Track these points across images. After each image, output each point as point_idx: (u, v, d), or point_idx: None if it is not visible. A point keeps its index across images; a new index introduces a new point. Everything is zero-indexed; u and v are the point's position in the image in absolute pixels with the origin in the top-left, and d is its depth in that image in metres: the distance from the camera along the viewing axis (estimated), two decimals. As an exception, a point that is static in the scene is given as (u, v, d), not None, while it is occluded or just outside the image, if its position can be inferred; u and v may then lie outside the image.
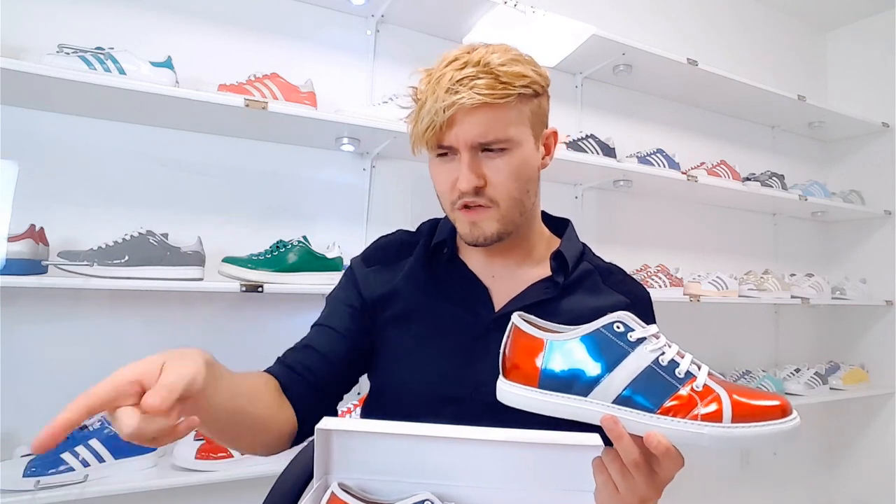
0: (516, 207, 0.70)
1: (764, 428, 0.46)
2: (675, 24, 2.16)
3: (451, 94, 0.63)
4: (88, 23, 1.22)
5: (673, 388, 0.49)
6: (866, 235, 2.41)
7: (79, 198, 1.20)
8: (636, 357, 0.50)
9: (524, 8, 1.48)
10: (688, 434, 0.47)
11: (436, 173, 0.71)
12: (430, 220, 0.84)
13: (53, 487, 0.97)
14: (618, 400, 0.49)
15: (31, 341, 1.14)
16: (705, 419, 0.47)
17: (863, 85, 2.49)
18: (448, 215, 0.73)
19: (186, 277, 1.13)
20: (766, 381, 1.97)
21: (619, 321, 0.52)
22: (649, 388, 0.49)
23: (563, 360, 0.51)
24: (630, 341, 0.51)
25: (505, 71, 0.64)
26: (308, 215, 1.45)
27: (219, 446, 1.12)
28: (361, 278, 0.79)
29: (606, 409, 0.49)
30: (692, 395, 0.48)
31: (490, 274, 0.76)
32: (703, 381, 0.49)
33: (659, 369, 0.50)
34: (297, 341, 0.77)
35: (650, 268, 1.78)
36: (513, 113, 0.66)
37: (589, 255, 0.81)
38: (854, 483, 2.37)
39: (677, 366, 0.50)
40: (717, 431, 0.46)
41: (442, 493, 0.57)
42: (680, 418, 0.48)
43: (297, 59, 1.44)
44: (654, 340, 0.51)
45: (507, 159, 0.67)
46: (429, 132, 0.65)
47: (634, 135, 2.00)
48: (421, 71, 0.69)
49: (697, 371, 0.50)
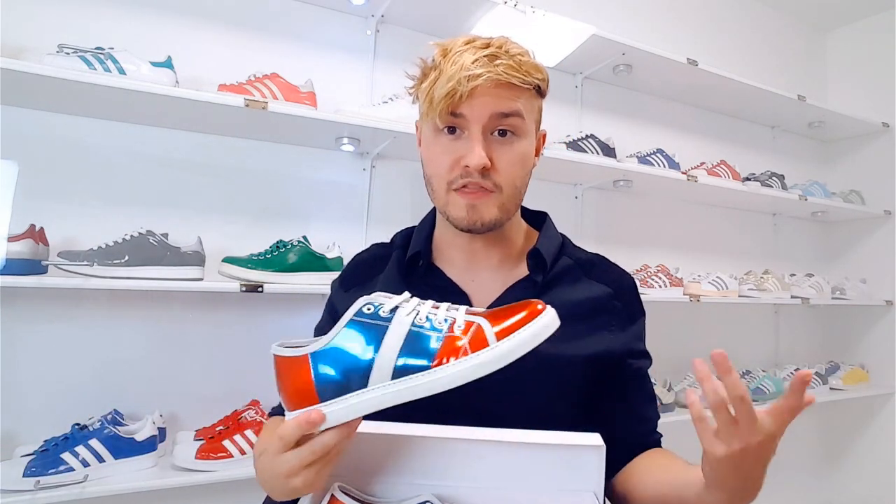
0: (515, 197, 0.70)
1: (526, 331, 0.48)
2: (675, 24, 2.16)
3: (477, 66, 0.63)
4: (88, 23, 1.22)
5: (439, 338, 0.49)
6: (866, 235, 2.41)
7: (79, 198, 1.20)
8: (396, 326, 0.50)
9: (524, 8, 1.48)
10: (466, 369, 0.47)
11: (434, 151, 0.69)
12: (403, 230, 0.83)
13: (53, 487, 0.97)
14: (395, 373, 0.48)
15: (31, 341, 1.14)
16: (475, 350, 0.47)
17: (863, 85, 2.49)
18: (438, 199, 0.71)
19: (186, 277, 1.13)
20: (766, 381, 1.97)
21: (367, 303, 0.51)
22: (418, 347, 0.49)
23: (331, 365, 0.49)
24: (385, 315, 0.50)
25: (524, 61, 0.66)
26: (308, 215, 1.45)
27: (219, 446, 1.12)
28: (339, 302, 0.79)
29: (388, 388, 0.48)
30: (457, 335, 0.49)
31: (470, 278, 0.75)
32: (463, 319, 0.50)
33: (420, 328, 0.50)
34: None
35: (650, 268, 1.77)
36: (527, 102, 0.67)
37: (569, 248, 0.79)
38: (854, 483, 2.36)
39: (436, 316, 0.50)
40: (489, 355, 0.47)
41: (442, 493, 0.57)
42: (454, 359, 0.47)
43: (297, 59, 1.44)
44: (407, 304, 0.51)
45: (514, 145, 0.67)
46: (445, 100, 0.64)
47: (634, 135, 1.99)
48: (434, 44, 0.68)
49: (456, 314, 0.51)
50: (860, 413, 2.35)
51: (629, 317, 0.74)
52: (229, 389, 1.29)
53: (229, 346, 1.32)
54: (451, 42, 0.67)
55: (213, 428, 1.19)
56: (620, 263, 0.83)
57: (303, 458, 0.49)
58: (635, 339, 0.74)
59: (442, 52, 0.66)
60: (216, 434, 1.15)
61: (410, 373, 0.48)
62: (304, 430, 0.49)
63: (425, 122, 0.69)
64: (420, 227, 0.80)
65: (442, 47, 0.67)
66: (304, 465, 0.50)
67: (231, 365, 1.32)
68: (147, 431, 1.09)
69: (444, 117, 0.66)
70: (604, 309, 0.73)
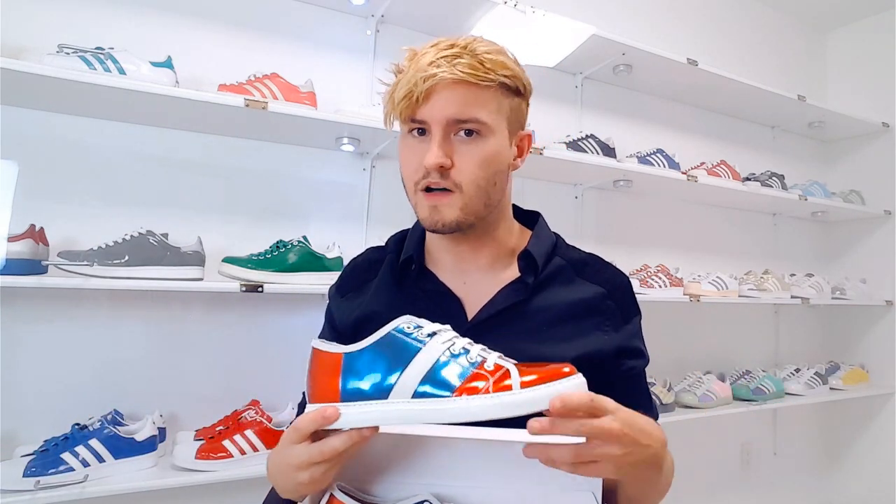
0: (480, 197, 0.68)
1: (551, 387, 0.48)
2: (675, 24, 2.16)
3: (433, 66, 0.63)
4: (88, 23, 1.22)
5: (467, 371, 0.50)
6: (866, 235, 2.41)
7: (79, 198, 1.20)
8: (429, 349, 0.52)
9: (524, 8, 1.48)
10: (486, 406, 0.48)
11: (404, 151, 0.69)
12: (397, 233, 0.83)
13: (53, 487, 0.97)
14: (416, 393, 0.50)
15: (31, 341, 1.14)
16: (497, 391, 0.49)
17: (863, 85, 2.49)
18: (410, 199, 0.71)
19: (186, 277, 1.13)
20: (766, 381, 1.97)
21: (408, 322, 0.54)
22: (444, 375, 0.50)
23: (360, 370, 0.52)
24: (421, 337, 0.53)
25: (489, 58, 0.65)
26: (308, 215, 1.45)
27: (219, 446, 1.12)
28: (335, 309, 0.79)
29: (406, 404, 0.50)
30: (484, 373, 0.50)
31: (461, 281, 0.74)
32: (493, 361, 0.51)
33: (452, 357, 0.51)
34: None
35: (650, 268, 1.77)
36: (491, 100, 0.66)
37: (562, 248, 0.79)
38: (854, 483, 2.37)
39: (468, 352, 0.52)
40: (510, 398, 0.48)
41: (441, 493, 0.57)
42: (475, 395, 0.49)
43: (297, 59, 1.45)
44: (445, 333, 0.53)
45: (479, 145, 0.66)
46: (404, 102, 0.64)
47: (634, 135, 1.99)
48: (406, 49, 0.68)
49: (487, 355, 0.52)
50: (860, 413, 2.35)
51: (623, 316, 0.74)
52: (229, 389, 1.29)
53: (229, 346, 1.33)
54: (423, 46, 0.67)
55: (213, 428, 1.19)
56: (620, 263, 0.83)
57: (312, 455, 0.52)
58: (630, 338, 0.74)
59: (410, 55, 0.67)
60: (216, 434, 1.15)
61: (431, 397, 0.50)
62: (318, 424, 0.51)
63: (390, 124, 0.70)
64: (413, 230, 0.79)
65: (412, 51, 0.67)
66: (312, 461, 0.52)
67: (231, 365, 1.32)
68: (147, 431, 1.09)
69: (405, 122, 0.67)
70: (597, 309, 0.72)
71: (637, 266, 1.81)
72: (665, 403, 1.70)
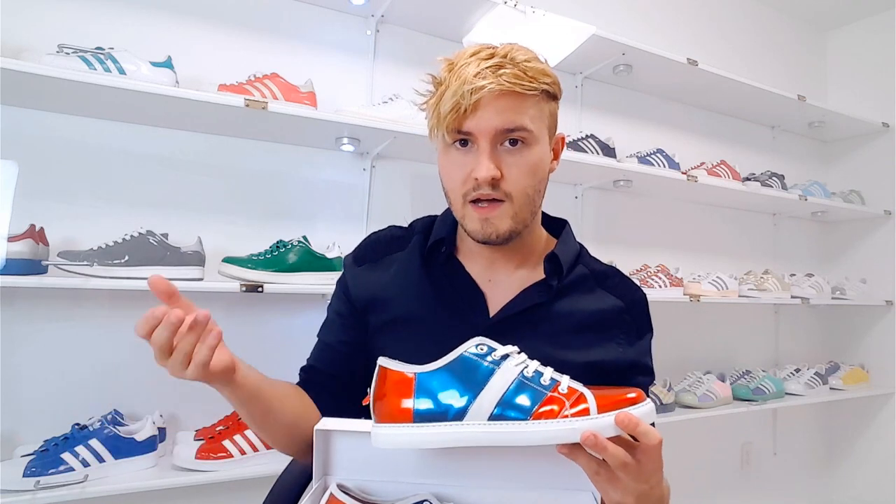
0: (528, 205, 0.69)
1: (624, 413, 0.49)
2: (675, 24, 2.16)
3: (479, 78, 0.63)
4: (88, 23, 1.22)
5: (542, 394, 0.51)
6: (866, 235, 2.41)
7: (79, 198, 1.20)
8: (503, 372, 0.52)
9: (524, 8, 1.48)
10: (564, 430, 0.49)
11: (448, 164, 0.69)
12: (423, 217, 0.83)
13: (53, 487, 0.97)
14: (492, 416, 0.50)
15: (31, 341, 1.14)
16: (575, 416, 0.49)
17: (863, 85, 2.49)
18: (456, 212, 0.71)
19: (186, 277, 1.14)
20: (767, 381, 1.97)
21: (480, 343, 0.54)
22: (520, 399, 0.51)
23: (433, 391, 0.52)
24: (494, 359, 0.53)
25: (530, 66, 0.66)
26: (308, 215, 1.45)
27: (219, 446, 1.12)
28: (351, 279, 0.79)
29: (483, 426, 0.50)
30: (560, 397, 0.51)
31: (487, 278, 0.75)
32: (567, 385, 0.52)
33: (526, 380, 0.52)
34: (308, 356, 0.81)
35: (650, 268, 1.77)
36: (534, 108, 0.67)
37: (585, 257, 0.80)
38: (854, 483, 2.37)
39: (542, 375, 0.52)
40: (589, 423, 0.49)
41: (441, 493, 0.57)
42: (552, 419, 0.50)
43: (297, 59, 1.44)
44: (517, 355, 0.54)
45: (525, 154, 0.67)
46: (451, 115, 0.64)
47: (634, 135, 1.99)
48: (442, 59, 0.68)
49: (560, 377, 0.53)
50: (860, 413, 2.35)
51: (637, 332, 0.75)
52: (229, 389, 1.29)
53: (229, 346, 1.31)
54: (459, 55, 0.67)
55: (213, 428, 1.19)
56: (620, 263, 0.84)
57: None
58: (641, 355, 0.75)
59: (448, 66, 0.67)
60: (216, 434, 1.15)
61: (507, 419, 0.50)
62: None
63: (436, 136, 0.70)
64: (444, 216, 0.79)
65: (449, 62, 0.67)
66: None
67: (231, 365, 1.32)
68: (147, 431, 1.09)
69: (451, 133, 0.66)
70: (613, 322, 0.74)
71: (637, 266, 1.81)
72: (665, 403, 1.70)
